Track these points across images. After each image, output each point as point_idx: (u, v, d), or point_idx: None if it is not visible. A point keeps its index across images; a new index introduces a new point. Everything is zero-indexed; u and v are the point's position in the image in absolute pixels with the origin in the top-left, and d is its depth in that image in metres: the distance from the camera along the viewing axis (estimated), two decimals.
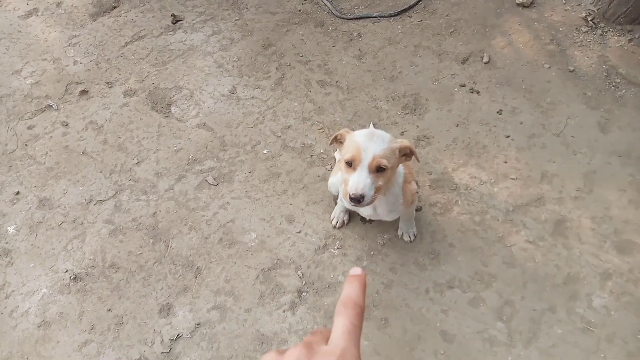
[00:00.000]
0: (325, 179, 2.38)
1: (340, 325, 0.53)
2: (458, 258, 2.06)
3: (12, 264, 2.20)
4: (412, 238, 2.11)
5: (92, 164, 2.54)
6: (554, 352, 1.79)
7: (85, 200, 2.40)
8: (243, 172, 2.45)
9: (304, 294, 2.02)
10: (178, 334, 1.94)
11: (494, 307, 1.91)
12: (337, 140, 1.68)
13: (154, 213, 2.32)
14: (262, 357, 0.53)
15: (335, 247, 2.15)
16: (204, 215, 2.29)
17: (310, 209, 2.28)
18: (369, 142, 1.50)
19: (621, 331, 1.81)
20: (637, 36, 2.74)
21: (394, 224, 2.14)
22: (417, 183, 2.07)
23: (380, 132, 1.57)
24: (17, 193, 2.45)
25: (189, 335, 1.94)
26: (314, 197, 2.32)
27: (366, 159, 1.49)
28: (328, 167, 2.43)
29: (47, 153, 2.61)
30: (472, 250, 2.08)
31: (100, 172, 2.51)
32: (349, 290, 0.58)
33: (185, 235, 2.24)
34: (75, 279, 2.13)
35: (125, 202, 2.37)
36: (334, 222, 2.19)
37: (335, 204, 2.24)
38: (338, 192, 2.02)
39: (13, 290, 2.12)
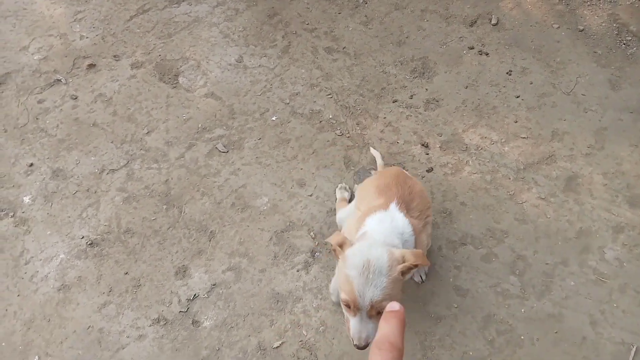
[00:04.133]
0: (335, 143, 2.39)
1: None
2: (470, 216, 2.07)
3: (29, 232, 2.23)
4: (424, 278, 1.92)
5: (103, 134, 2.56)
6: (567, 304, 1.80)
7: (98, 169, 2.42)
8: (253, 139, 2.46)
9: (317, 254, 2.04)
10: (195, 294, 1.98)
11: (506, 262, 1.93)
12: (336, 252, 1.43)
13: (166, 180, 2.34)
14: None
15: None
16: (216, 181, 2.31)
17: (321, 172, 2.29)
18: (364, 285, 1.27)
19: (633, 282, 1.82)
20: None
21: None
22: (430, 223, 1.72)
23: (376, 261, 1.29)
24: (31, 165, 2.47)
25: (206, 295, 1.97)
26: (324, 162, 2.33)
27: (364, 306, 1.28)
28: (337, 131, 2.43)
29: (58, 126, 2.63)
30: (483, 208, 2.09)
31: (111, 142, 2.52)
32: (386, 330, 0.50)
33: (198, 200, 2.26)
34: (91, 244, 2.16)
35: (137, 171, 2.40)
36: (333, 298, 1.91)
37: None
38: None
39: (32, 257, 2.16)
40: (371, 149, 2.31)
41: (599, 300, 1.79)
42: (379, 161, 2.21)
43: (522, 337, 1.74)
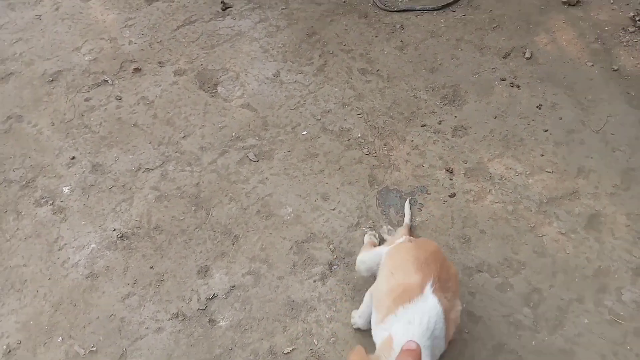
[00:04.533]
0: (361, 161, 2.46)
1: None
2: (488, 244, 2.09)
3: (65, 220, 2.37)
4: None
5: (142, 135, 2.70)
6: (579, 341, 1.80)
7: (135, 167, 2.56)
8: (282, 151, 2.55)
9: (334, 267, 2.10)
10: (214, 294, 2.06)
11: (521, 293, 1.94)
12: None
13: (197, 183, 2.45)
14: None
15: (367, 226, 2.22)
16: (244, 188, 2.41)
17: (345, 188, 2.36)
18: None
19: None
20: None
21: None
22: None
23: None
24: (73, 158, 2.63)
25: (224, 295, 2.05)
26: (349, 178, 2.40)
27: None
28: (364, 150, 2.50)
29: (101, 123, 2.79)
30: (502, 238, 2.11)
31: (149, 143, 2.66)
32: None
33: (225, 205, 2.35)
34: (122, 237, 2.28)
35: (171, 172, 2.52)
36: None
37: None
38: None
39: (65, 244, 2.28)
40: (406, 204, 2.23)
41: (612, 341, 1.79)
42: (407, 220, 2.14)
43: None
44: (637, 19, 2.78)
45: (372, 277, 1.85)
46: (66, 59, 3.18)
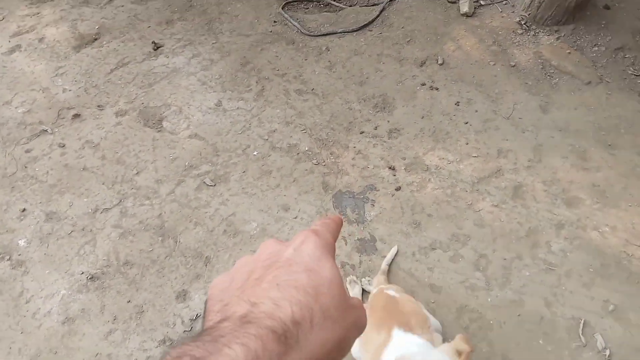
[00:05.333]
0: (312, 171, 2.67)
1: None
2: (437, 225, 2.37)
3: (27, 273, 2.33)
4: None
5: (94, 177, 2.72)
6: (525, 291, 2.10)
7: (92, 209, 2.57)
8: (237, 173, 2.70)
9: None
10: (197, 314, 2.13)
11: (471, 260, 2.22)
12: None
13: (159, 214, 2.52)
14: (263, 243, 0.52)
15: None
16: (207, 212, 2.52)
17: (303, 197, 2.55)
18: None
19: (576, 267, 2.15)
20: (562, 34, 3.24)
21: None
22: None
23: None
24: (24, 210, 2.59)
25: None
26: (304, 188, 2.59)
27: None
28: (314, 161, 2.72)
29: (48, 172, 2.77)
30: (447, 218, 2.40)
31: (103, 183, 2.69)
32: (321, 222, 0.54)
33: (192, 230, 2.45)
34: (92, 278, 2.28)
35: (130, 208, 2.56)
36: None
37: None
38: None
39: (32, 295, 2.25)
40: (393, 249, 2.26)
41: (550, 285, 2.11)
42: (384, 265, 2.18)
43: (491, 322, 2.01)
44: (522, 22, 3.30)
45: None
46: None
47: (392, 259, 2.24)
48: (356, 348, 1.65)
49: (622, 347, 1.91)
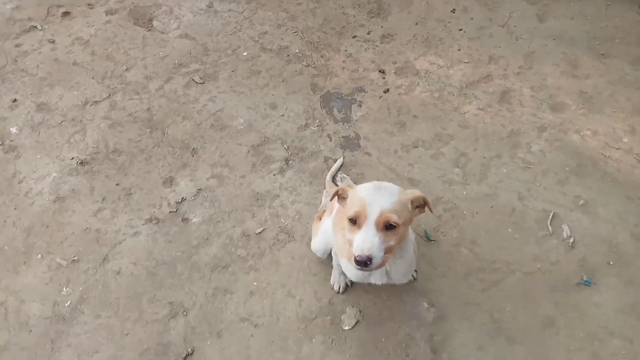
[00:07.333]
0: (302, 73, 2.66)
1: None
2: (421, 125, 2.40)
3: (20, 157, 2.39)
4: (415, 276, 1.93)
5: (84, 72, 2.73)
6: (500, 186, 2.16)
7: (82, 102, 2.60)
8: (226, 72, 2.69)
9: (290, 161, 2.32)
10: (182, 198, 2.21)
11: (451, 158, 2.27)
12: (340, 196, 1.46)
13: (148, 108, 2.55)
14: None
15: (316, 125, 2.44)
16: (195, 107, 2.54)
17: (291, 97, 2.56)
18: (375, 196, 1.31)
19: (553, 166, 2.20)
20: None
21: None
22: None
23: (388, 185, 1.38)
24: (15, 100, 2.62)
25: (193, 198, 2.21)
26: (293, 88, 2.60)
27: (372, 215, 1.29)
28: (304, 63, 2.70)
29: (38, 66, 2.77)
30: (432, 119, 2.42)
31: (92, 78, 2.70)
32: None
33: (179, 123, 2.48)
34: (82, 163, 2.35)
35: (119, 102, 2.59)
36: (335, 287, 1.91)
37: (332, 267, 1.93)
38: (327, 254, 1.86)
39: (25, 177, 2.32)
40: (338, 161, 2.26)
41: (526, 181, 2.16)
42: (332, 170, 2.20)
43: (464, 212, 2.09)
44: None
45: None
46: None
47: (337, 171, 2.22)
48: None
49: (586, 237, 1.99)
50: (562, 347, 1.76)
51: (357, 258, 1.28)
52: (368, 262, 1.28)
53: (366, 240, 1.29)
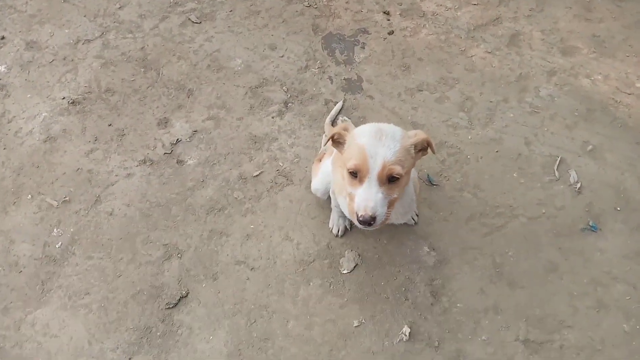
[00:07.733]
0: (303, 13, 2.54)
1: None
2: (426, 68, 2.30)
3: (9, 96, 2.31)
4: (416, 220, 1.88)
5: (75, 10, 2.60)
6: (507, 130, 2.09)
7: (73, 40, 2.49)
8: (224, 11, 2.57)
9: (289, 104, 2.24)
10: (177, 139, 2.14)
11: (456, 102, 2.19)
12: (335, 141, 1.35)
13: (142, 47, 2.44)
14: None
15: (316, 67, 2.35)
16: (191, 47, 2.43)
17: (291, 38, 2.45)
18: (376, 146, 1.21)
19: (562, 111, 2.12)
20: None
21: None
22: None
23: (389, 128, 1.27)
24: (2, 38, 2.50)
25: (188, 139, 2.14)
26: (293, 29, 2.48)
27: (375, 168, 1.20)
28: (305, 3, 2.57)
29: (26, 2, 2.64)
30: (438, 62, 2.32)
31: (84, 16, 2.57)
32: None
33: (175, 63, 2.38)
34: (73, 103, 2.27)
35: (112, 40, 2.48)
36: (334, 231, 1.86)
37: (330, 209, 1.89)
38: (327, 195, 1.79)
39: (14, 116, 2.24)
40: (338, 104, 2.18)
41: (533, 126, 2.09)
42: (331, 115, 2.13)
43: (468, 157, 2.03)
44: None
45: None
46: None
47: (338, 114, 2.14)
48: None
49: (593, 182, 1.93)
50: (565, 292, 1.74)
51: (360, 218, 1.22)
52: (372, 222, 1.22)
53: (369, 198, 1.21)
